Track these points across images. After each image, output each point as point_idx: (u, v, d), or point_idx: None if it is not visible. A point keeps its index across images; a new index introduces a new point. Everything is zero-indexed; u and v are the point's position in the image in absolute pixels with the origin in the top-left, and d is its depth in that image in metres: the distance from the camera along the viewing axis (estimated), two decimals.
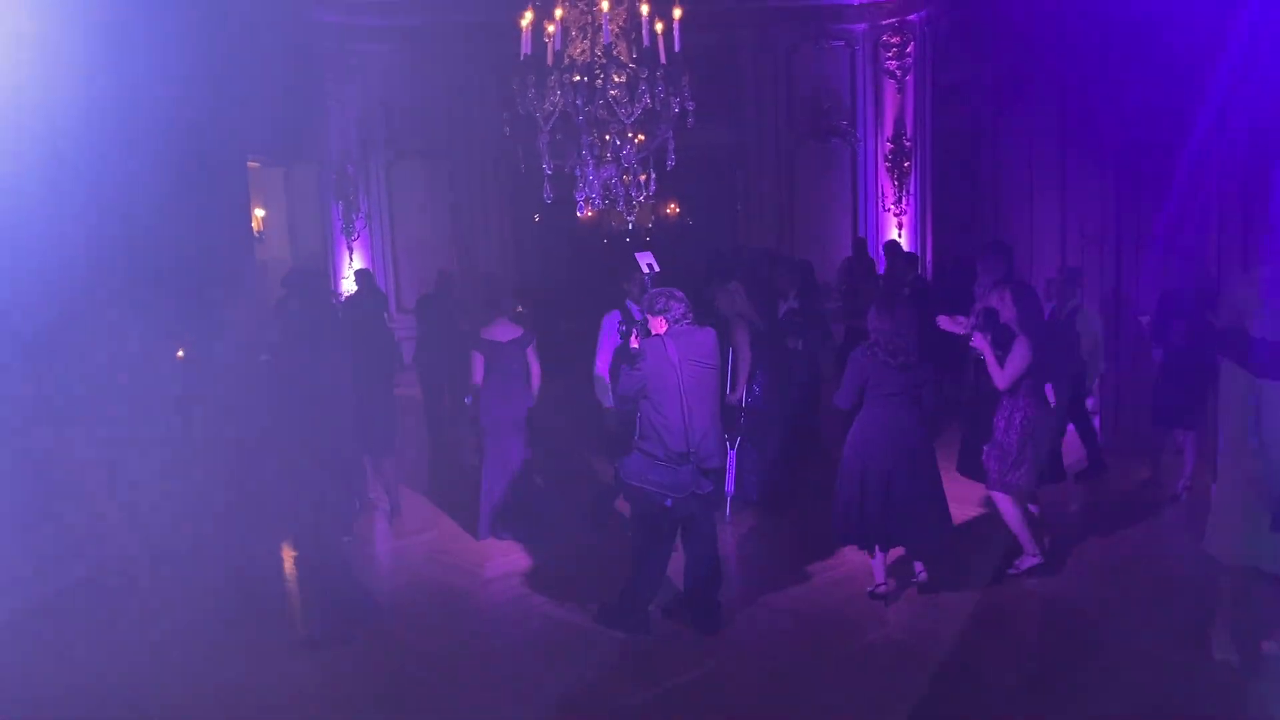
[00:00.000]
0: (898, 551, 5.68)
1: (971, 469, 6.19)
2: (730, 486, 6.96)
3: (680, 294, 5.24)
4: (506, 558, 6.39)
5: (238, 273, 9.46)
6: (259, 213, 11.96)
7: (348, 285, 11.72)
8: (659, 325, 5.14)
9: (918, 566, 5.63)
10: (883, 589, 5.53)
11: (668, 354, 5.02)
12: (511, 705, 4.58)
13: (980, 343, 5.55)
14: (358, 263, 12.85)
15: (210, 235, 8.90)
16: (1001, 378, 5.48)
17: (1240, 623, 4.59)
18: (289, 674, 4.91)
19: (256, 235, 11.60)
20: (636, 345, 5.09)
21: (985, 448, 5.66)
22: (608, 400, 6.73)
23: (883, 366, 5.28)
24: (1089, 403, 8.07)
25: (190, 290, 7.93)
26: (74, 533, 6.29)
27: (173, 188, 7.96)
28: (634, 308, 6.40)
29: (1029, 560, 5.71)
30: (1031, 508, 5.78)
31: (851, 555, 6.01)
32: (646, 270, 6.07)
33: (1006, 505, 5.65)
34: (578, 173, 5.87)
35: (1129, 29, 7.99)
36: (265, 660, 5.03)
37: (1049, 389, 5.61)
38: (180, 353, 7.32)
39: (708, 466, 5.14)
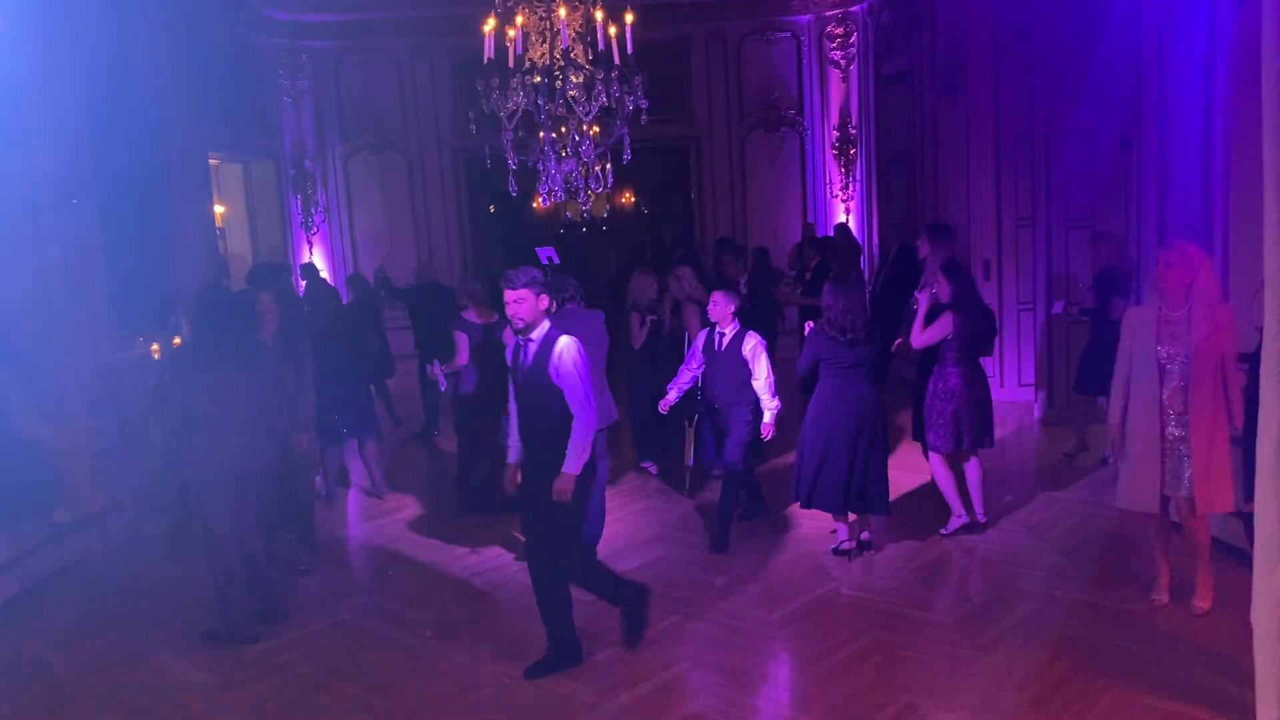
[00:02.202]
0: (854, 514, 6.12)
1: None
2: (689, 460, 7.38)
3: (573, 280, 6.13)
4: (482, 531, 6.75)
5: (202, 267, 9.63)
6: (219, 209, 12.08)
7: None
8: (553, 306, 5.69)
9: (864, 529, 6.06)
10: (846, 545, 5.99)
11: None
12: (494, 663, 4.93)
13: (922, 300, 6.05)
14: (317, 256, 13.08)
15: (175, 231, 9.10)
16: (916, 338, 6.02)
17: (1170, 568, 5.09)
18: (273, 647, 5.20)
19: (219, 230, 11.74)
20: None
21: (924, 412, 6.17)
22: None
23: (832, 342, 5.72)
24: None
25: (158, 286, 8.14)
26: (54, 525, 6.51)
27: (138, 185, 8.18)
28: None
29: (955, 521, 6.20)
30: (974, 471, 6.24)
31: (802, 521, 6.50)
32: (546, 263, 6.58)
33: (936, 465, 6.16)
34: (540, 167, 6.23)
35: (1056, 21, 8.48)
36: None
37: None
38: (155, 347, 7.54)
39: None
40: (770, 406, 6.14)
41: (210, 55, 10.29)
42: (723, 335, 6.37)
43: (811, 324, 7.23)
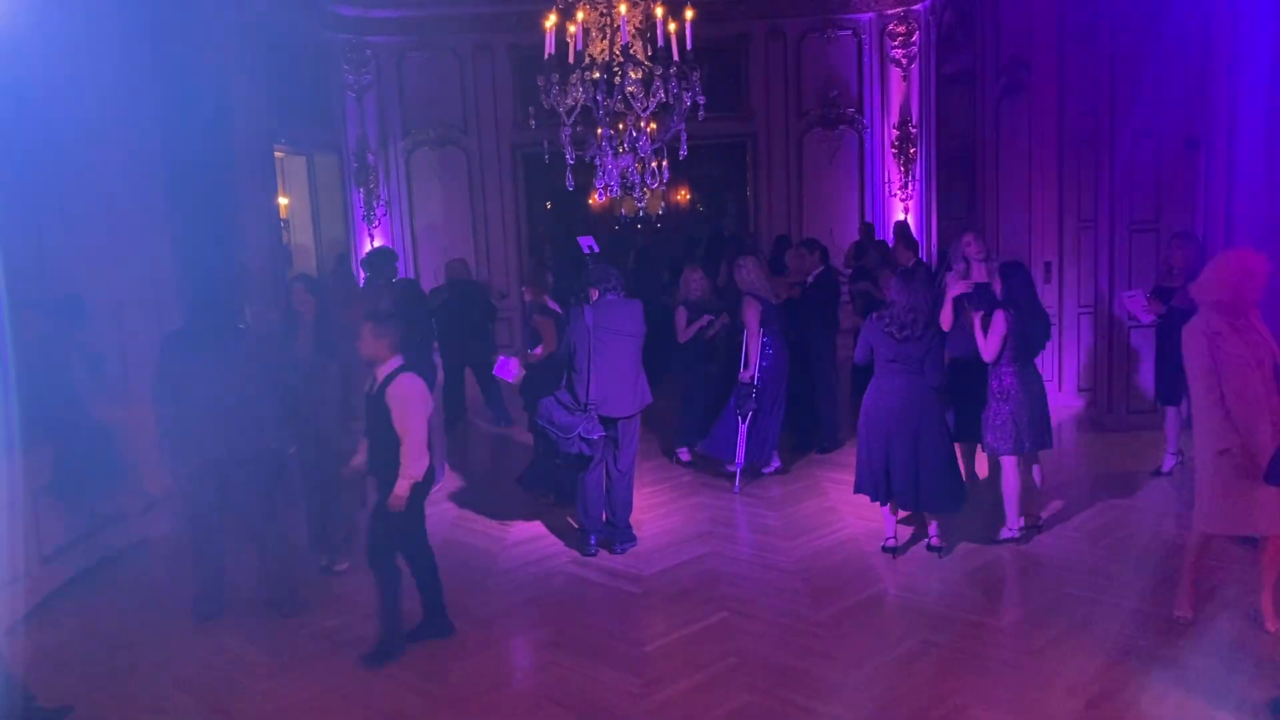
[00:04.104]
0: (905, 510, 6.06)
1: (963, 433, 6.50)
2: (740, 459, 7.38)
3: (614, 270, 6.25)
4: (528, 522, 6.85)
5: (266, 256, 9.85)
6: (283, 200, 12.33)
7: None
8: (594, 294, 6.09)
9: (931, 530, 5.98)
10: (892, 542, 5.96)
11: (585, 320, 5.94)
12: (542, 651, 5.01)
13: (975, 317, 5.96)
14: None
15: (241, 221, 9.32)
16: (984, 349, 5.85)
17: (1201, 584, 4.99)
18: (329, 629, 5.34)
19: (282, 221, 11.99)
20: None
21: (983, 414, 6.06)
22: None
23: (886, 335, 5.69)
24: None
25: (223, 274, 8.35)
26: (121, 503, 6.71)
27: (206, 176, 8.39)
28: None
29: (1006, 533, 6.06)
30: (1035, 474, 6.15)
31: (851, 520, 6.49)
32: (587, 251, 6.71)
33: (1008, 469, 6.00)
34: (597, 162, 6.28)
35: (1123, 20, 8.32)
36: (299, 619, 5.46)
37: None
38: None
39: (604, 415, 6.02)
40: (406, 473, 4.71)
41: (277, 49, 10.51)
42: (374, 379, 4.90)
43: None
